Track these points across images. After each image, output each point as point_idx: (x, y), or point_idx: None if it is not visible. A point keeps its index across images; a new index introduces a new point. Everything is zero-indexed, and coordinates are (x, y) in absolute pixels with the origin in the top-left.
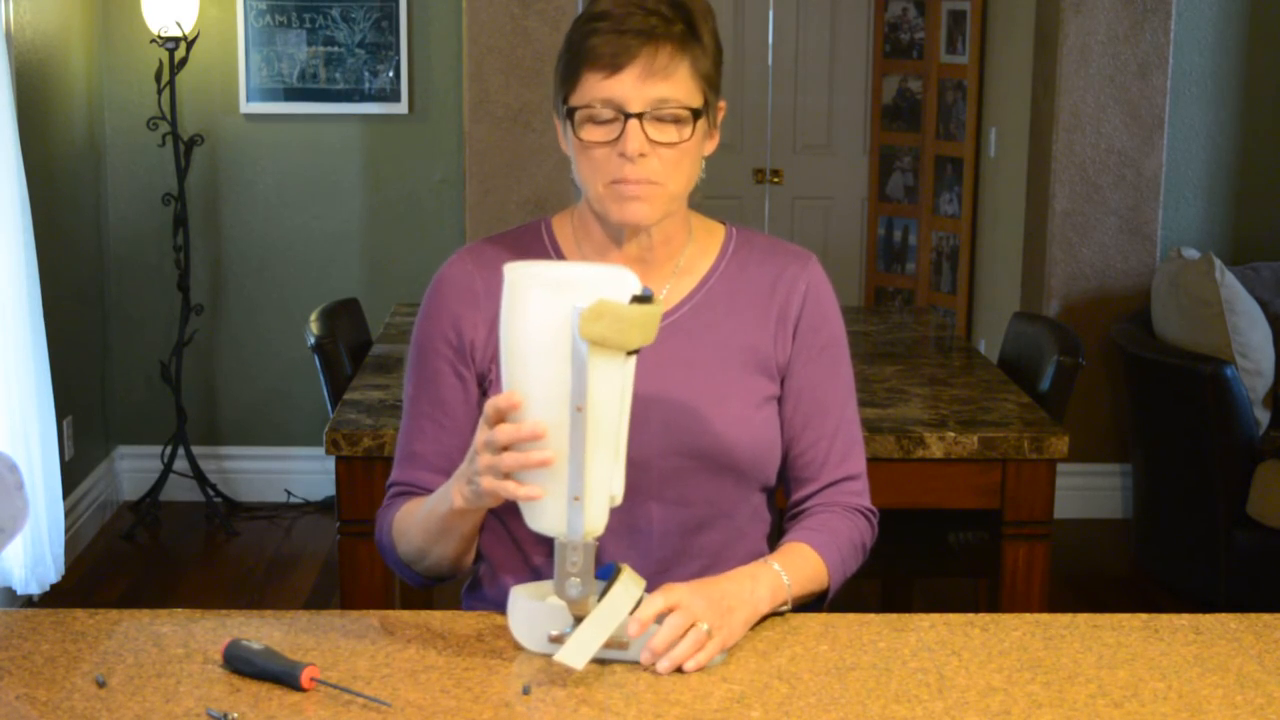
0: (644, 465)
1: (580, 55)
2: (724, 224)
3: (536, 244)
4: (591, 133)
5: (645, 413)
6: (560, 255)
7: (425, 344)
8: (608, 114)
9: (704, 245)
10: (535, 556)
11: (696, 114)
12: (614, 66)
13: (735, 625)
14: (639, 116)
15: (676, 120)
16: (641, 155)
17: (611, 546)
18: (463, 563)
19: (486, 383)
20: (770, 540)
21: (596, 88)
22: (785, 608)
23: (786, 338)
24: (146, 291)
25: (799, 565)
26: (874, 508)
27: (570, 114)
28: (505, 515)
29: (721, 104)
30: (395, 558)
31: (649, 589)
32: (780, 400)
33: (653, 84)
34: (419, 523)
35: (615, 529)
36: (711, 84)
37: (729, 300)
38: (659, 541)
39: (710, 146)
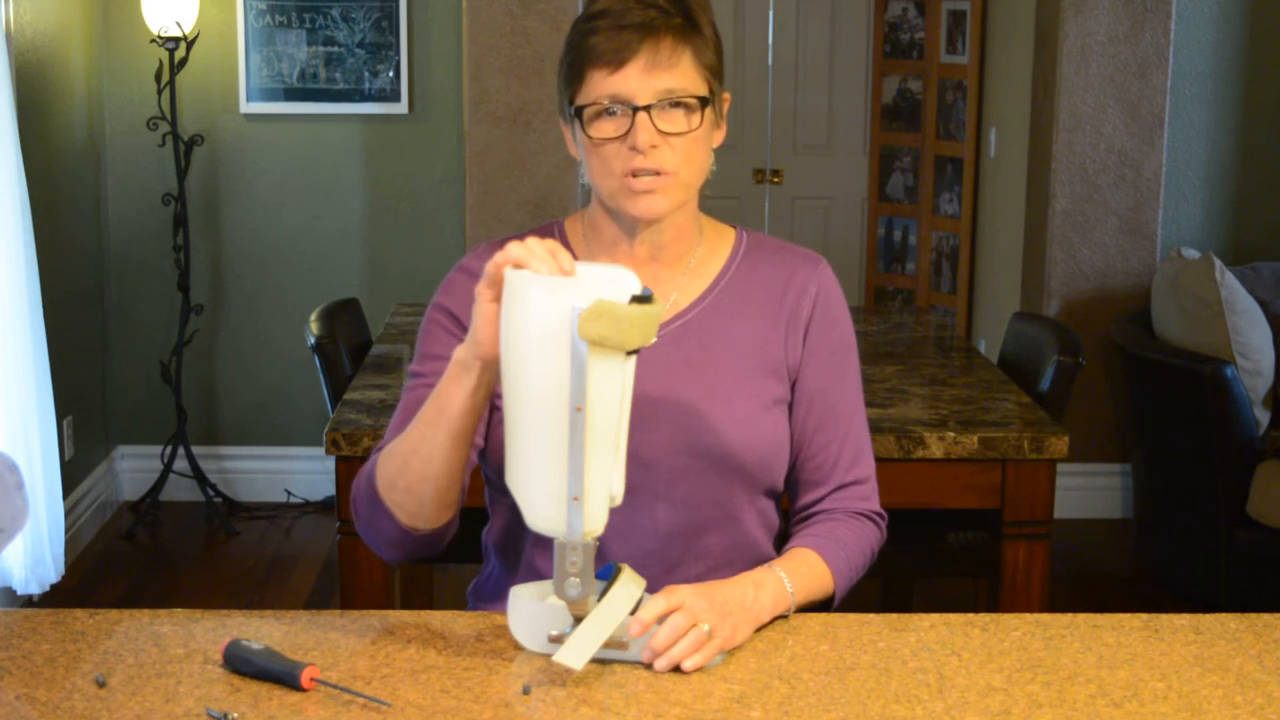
0: (650, 464)
1: (583, 54)
2: (734, 227)
3: None
4: (601, 129)
5: (653, 412)
6: (573, 255)
7: (431, 319)
8: (616, 109)
9: (714, 247)
10: (536, 557)
11: (704, 101)
12: (618, 62)
13: (736, 629)
14: (647, 109)
15: (685, 109)
16: (653, 147)
17: (616, 546)
18: (445, 495)
19: None
20: (776, 546)
21: (602, 84)
22: (788, 614)
23: (797, 341)
24: (146, 291)
25: (803, 572)
26: (883, 511)
27: (578, 114)
28: (507, 515)
29: (726, 95)
30: (370, 497)
31: (652, 590)
32: (791, 404)
33: (658, 76)
34: (407, 437)
35: (620, 528)
36: (715, 74)
37: (739, 302)
38: (664, 542)
39: (718, 138)
